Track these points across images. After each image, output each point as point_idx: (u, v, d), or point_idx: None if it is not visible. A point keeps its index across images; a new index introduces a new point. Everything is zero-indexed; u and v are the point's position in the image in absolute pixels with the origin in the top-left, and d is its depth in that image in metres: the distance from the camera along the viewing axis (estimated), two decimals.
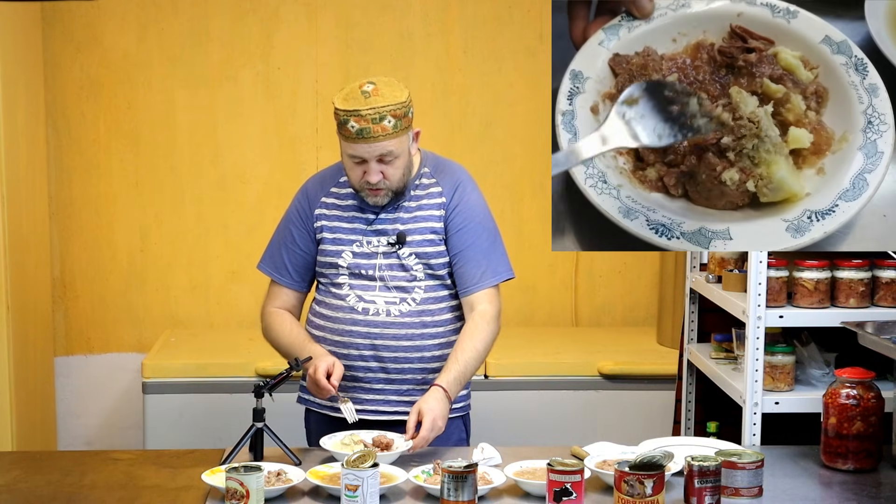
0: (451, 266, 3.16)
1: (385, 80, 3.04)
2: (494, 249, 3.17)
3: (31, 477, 2.89)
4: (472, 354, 3.08)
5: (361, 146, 3.00)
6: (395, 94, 3.00)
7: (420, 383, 3.16)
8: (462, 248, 3.14)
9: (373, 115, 2.97)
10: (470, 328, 3.12)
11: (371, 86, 3.00)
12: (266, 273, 3.26)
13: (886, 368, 3.15)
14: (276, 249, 3.25)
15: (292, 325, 3.22)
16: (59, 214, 5.00)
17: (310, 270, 3.24)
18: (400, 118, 3.00)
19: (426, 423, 2.93)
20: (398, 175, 3.06)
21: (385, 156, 3.02)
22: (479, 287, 3.13)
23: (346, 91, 3.03)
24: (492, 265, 3.16)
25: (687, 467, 2.67)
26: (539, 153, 4.98)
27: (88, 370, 5.07)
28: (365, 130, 2.98)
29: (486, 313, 3.12)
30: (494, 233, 3.20)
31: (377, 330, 3.12)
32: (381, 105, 2.98)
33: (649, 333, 4.94)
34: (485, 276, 3.14)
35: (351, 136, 3.00)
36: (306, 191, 3.24)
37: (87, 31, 4.93)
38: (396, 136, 3.01)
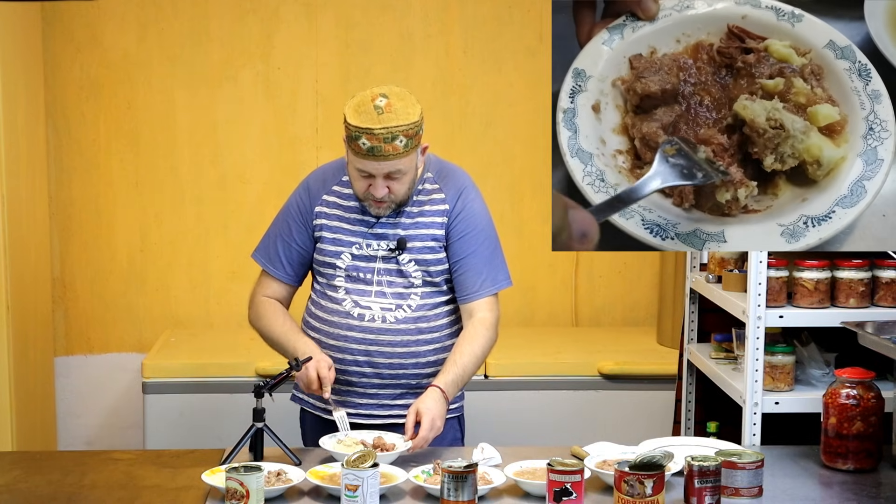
0: (451, 273, 3.15)
1: (397, 92, 2.99)
2: (495, 258, 3.17)
3: (31, 477, 2.89)
4: (470, 359, 3.08)
5: (370, 163, 2.98)
6: (408, 112, 2.96)
7: (414, 388, 3.15)
8: (464, 255, 3.13)
9: (385, 135, 2.93)
10: (469, 333, 3.12)
11: (384, 100, 2.95)
12: (259, 263, 3.25)
13: (886, 368, 3.15)
14: (271, 241, 3.23)
15: (284, 318, 3.20)
16: (59, 214, 5.00)
17: (304, 266, 3.23)
18: (412, 137, 2.98)
19: (425, 423, 2.93)
20: (403, 190, 3.05)
21: (393, 173, 3.00)
22: (480, 295, 3.14)
23: (358, 102, 2.98)
24: (492, 273, 3.15)
25: (687, 467, 2.67)
26: (539, 153, 4.98)
27: (88, 370, 5.07)
28: (376, 149, 2.95)
29: (486, 320, 3.13)
30: (495, 241, 3.20)
31: (372, 336, 3.12)
32: (394, 125, 2.93)
33: (649, 333, 4.94)
34: (485, 284, 3.14)
35: (361, 153, 2.97)
36: (308, 186, 3.21)
37: (87, 31, 4.93)
38: (407, 154, 2.99)
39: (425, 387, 3.08)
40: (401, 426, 3.08)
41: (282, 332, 3.17)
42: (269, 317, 3.20)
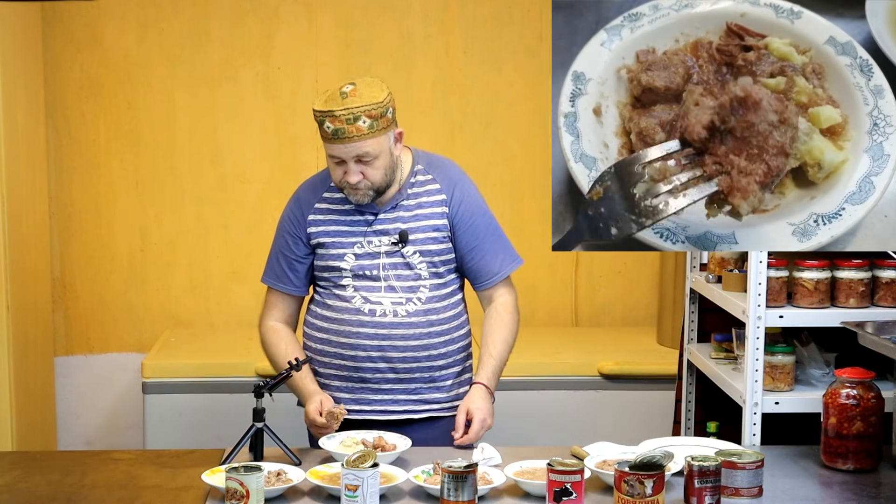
0: (464, 262, 3.18)
1: (368, 80, 3.05)
2: (502, 239, 3.23)
3: (31, 477, 2.89)
4: (503, 346, 3.18)
5: (338, 147, 3.01)
6: (372, 95, 3.00)
7: (428, 381, 3.17)
8: (475, 243, 3.17)
9: (347, 116, 2.97)
10: (495, 320, 3.20)
11: (350, 86, 3.00)
12: (269, 285, 3.25)
13: (886, 368, 3.15)
14: (274, 259, 3.24)
15: (292, 349, 3.19)
16: (59, 214, 5.00)
17: (309, 274, 3.24)
18: (376, 118, 3.00)
19: (476, 423, 3.06)
20: (378, 175, 3.06)
21: (362, 156, 3.02)
22: (500, 278, 3.20)
23: (329, 93, 3.03)
24: (507, 255, 3.22)
25: (687, 467, 2.67)
26: (539, 153, 4.98)
27: (88, 370, 5.07)
28: (340, 131, 2.98)
29: (508, 304, 3.22)
30: (497, 223, 3.25)
31: (385, 331, 3.13)
32: (355, 106, 2.97)
33: (649, 333, 4.94)
34: (502, 266, 3.21)
35: (328, 137, 3.01)
36: (298, 198, 3.23)
37: (87, 31, 4.94)
38: (373, 136, 3.00)
39: (438, 380, 3.15)
40: (416, 422, 3.14)
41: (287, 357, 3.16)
42: (275, 347, 3.21)
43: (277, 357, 3.20)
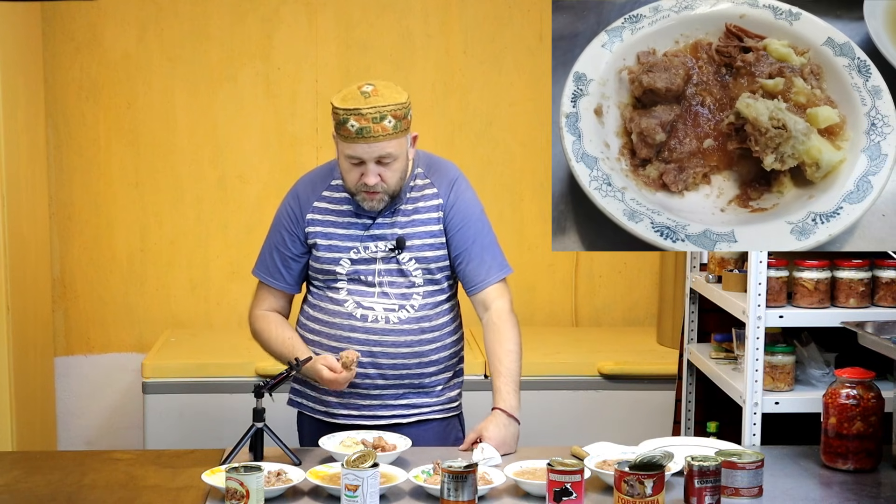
0: (455, 265, 3.15)
1: (383, 83, 3.02)
2: (495, 245, 3.18)
3: (31, 477, 2.89)
4: (509, 360, 3.08)
5: (361, 146, 2.97)
6: (394, 95, 2.98)
7: (417, 387, 3.16)
8: (466, 245, 3.12)
9: (373, 115, 2.94)
10: (494, 335, 3.11)
11: (370, 87, 2.98)
12: (259, 278, 3.23)
13: (886, 368, 3.15)
14: (267, 254, 3.21)
15: (283, 330, 3.18)
16: (59, 214, 5.00)
17: (303, 273, 3.21)
18: (400, 119, 2.98)
19: (487, 451, 2.93)
20: (395, 178, 3.03)
21: (384, 157, 2.99)
22: (490, 281, 3.13)
23: (345, 92, 3.00)
24: (497, 259, 3.16)
25: (687, 467, 2.67)
26: (539, 153, 4.98)
27: (88, 370, 5.07)
28: (365, 129, 2.95)
29: (503, 310, 3.12)
30: (491, 229, 3.20)
31: (376, 337, 3.11)
32: (381, 104, 2.95)
33: (649, 333, 4.94)
34: (491, 270, 3.14)
35: (350, 136, 2.96)
36: (297, 194, 3.19)
37: (87, 31, 4.94)
38: (396, 137, 2.98)
39: (427, 386, 3.12)
40: (404, 426, 3.11)
41: (282, 347, 3.15)
42: (268, 332, 3.18)
43: (271, 341, 3.17)
